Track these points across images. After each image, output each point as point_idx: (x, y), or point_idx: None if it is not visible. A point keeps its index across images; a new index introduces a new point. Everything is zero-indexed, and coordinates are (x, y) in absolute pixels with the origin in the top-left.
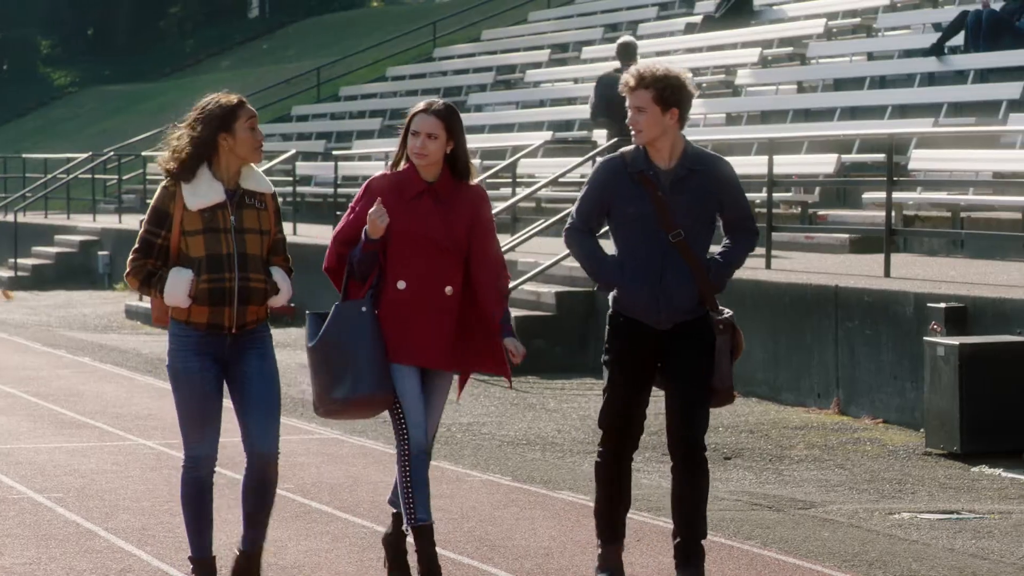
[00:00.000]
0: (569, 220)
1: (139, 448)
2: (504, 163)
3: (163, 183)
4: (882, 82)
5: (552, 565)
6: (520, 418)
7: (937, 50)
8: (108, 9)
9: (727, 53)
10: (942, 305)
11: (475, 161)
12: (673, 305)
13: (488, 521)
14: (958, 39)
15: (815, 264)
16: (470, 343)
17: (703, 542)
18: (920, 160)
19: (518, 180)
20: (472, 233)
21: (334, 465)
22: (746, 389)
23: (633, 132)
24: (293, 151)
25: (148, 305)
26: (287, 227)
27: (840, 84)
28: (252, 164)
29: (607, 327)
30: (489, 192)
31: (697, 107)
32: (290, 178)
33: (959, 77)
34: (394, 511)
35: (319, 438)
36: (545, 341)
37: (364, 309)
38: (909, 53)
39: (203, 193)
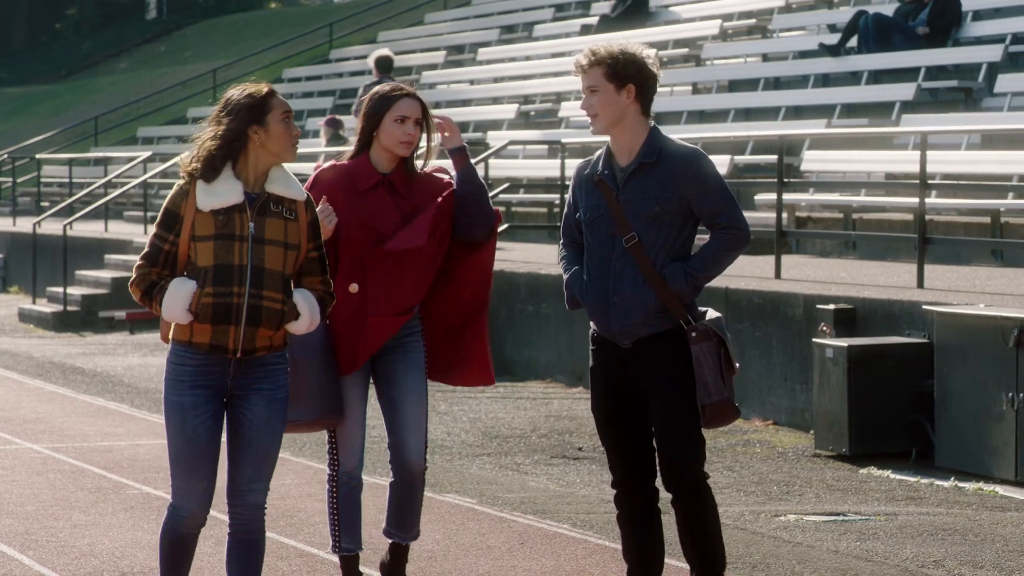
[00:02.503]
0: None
1: (25, 452)
2: None
3: (178, 182)
4: (776, 83)
5: (435, 568)
6: None
7: (837, 50)
8: (3, 10)
9: None
10: (831, 307)
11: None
12: (627, 319)
13: (373, 524)
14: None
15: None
16: (444, 352)
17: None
18: (813, 161)
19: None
20: (436, 228)
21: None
22: None
23: (590, 120)
24: (185, 153)
25: (42, 308)
26: None
27: (735, 85)
28: (283, 165)
29: (589, 347)
30: None
31: None
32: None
33: (853, 78)
34: (390, 541)
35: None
36: None
37: None
38: (804, 54)
39: (219, 192)
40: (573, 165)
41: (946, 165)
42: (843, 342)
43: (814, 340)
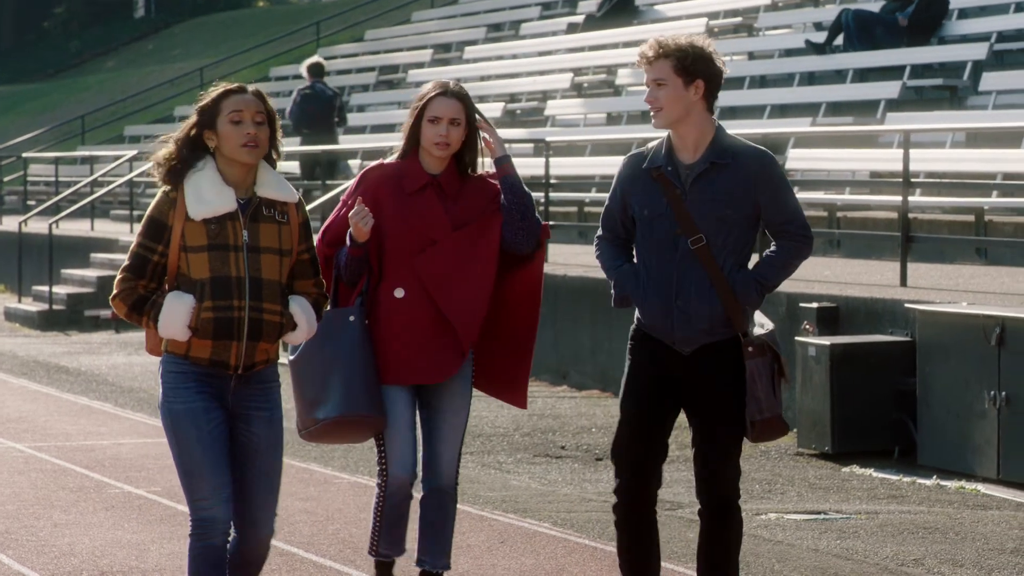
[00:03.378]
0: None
1: (8, 451)
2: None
3: (162, 188)
4: (762, 81)
5: (413, 568)
6: None
7: (824, 49)
8: None
9: (608, 53)
10: (814, 305)
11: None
12: (690, 325)
13: (353, 523)
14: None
15: None
16: (492, 364)
17: None
18: (798, 160)
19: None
20: (482, 231)
21: None
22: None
23: (652, 113)
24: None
25: (27, 307)
26: None
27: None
28: (270, 167)
29: (628, 343)
30: None
31: (577, 107)
32: None
33: (838, 76)
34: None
35: None
36: None
37: (353, 319)
38: (789, 52)
39: (209, 199)
40: (558, 164)
41: (931, 163)
42: (826, 340)
43: (797, 339)
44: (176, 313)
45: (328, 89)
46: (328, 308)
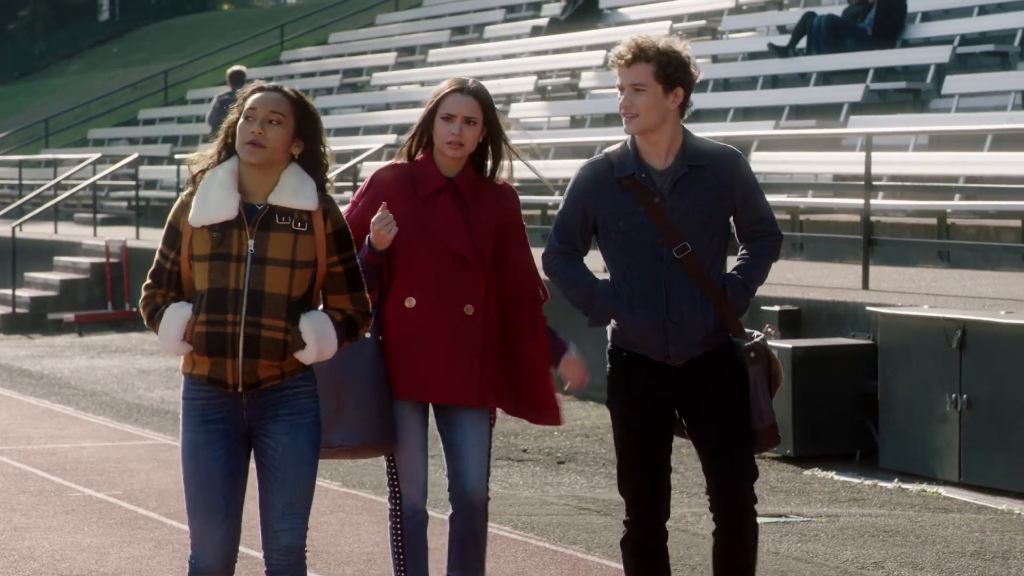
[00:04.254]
0: (548, 241)
1: None
2: (344, 166)
3: (184, 191)
4: (726, 84)
5: (374, 571)
6: None
7: (787, 52)
8: None
9: (572, 56)
10: (776, 308)
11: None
12: (684, 337)
13: (313, 526)
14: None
15: None
16: (509, 381)
17: None
18: (761, 163)
19: (360, 184)
20: (502, 240)
21: (164, 471)
22: (583, 393)
23: (625, 118)
24: (136, 155)
25: None
26: (126, 232)
27: None
28: (297, 169)
29: (607, 366)
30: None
31: (541, 110)
32: (133, 182)
33: (802, 80)
34: None
35: (151, 443)
36: None
37: (367, 335)
38: (753, 56)
39: (212, 205)
40: (521, 167)
41: (893, 166)
42: (788, 343)
43: None
44: (171, 325)
45: None
46: None
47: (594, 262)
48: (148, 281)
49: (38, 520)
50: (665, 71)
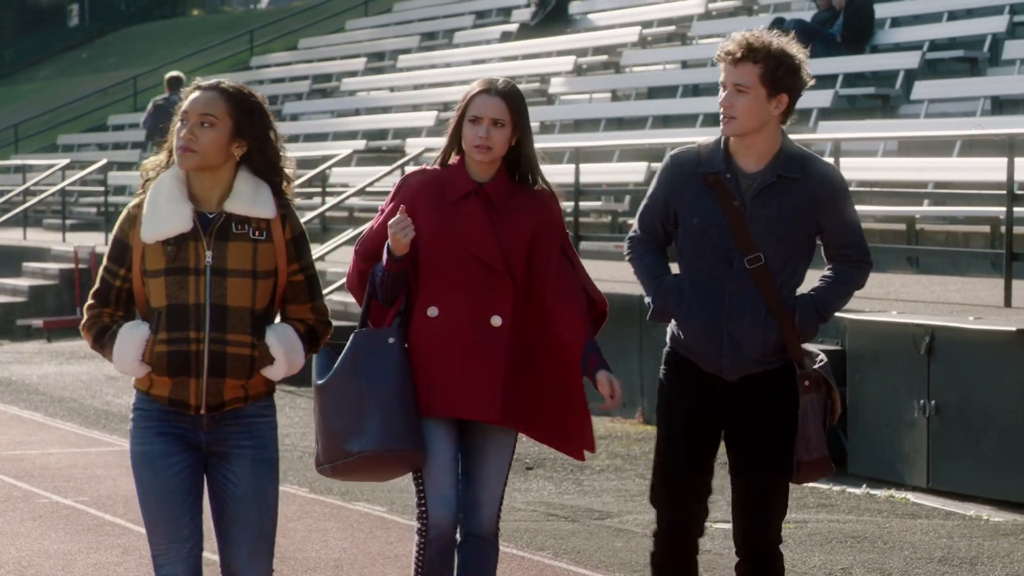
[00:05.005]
0: (632, 227)
1: None
2: (314, 172)
3: (130, 202)
4: (695, 90)
5: None
6: None
7: None
8: None
9: (542, 61)
10: None
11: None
12: (740, 351)
13: (281, 533)
14: None
15: (623, 274)
16: (538, 403)
17: None
18: None
19: (332, 189)
20: (537, 250)
21: (131, 478)
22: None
23: (722, 118)
24: (105, 161)
25: None
26: (95, 237)
27: (654, 92)
28: (250, 176)
29: (661, 368)
30: (299, 201)
31: None
32: (102, 188)
33: None
34: None
35: (118, 450)
36: None
37: (392, 340)
38: None
39: (163, 218)
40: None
41: (862, 172)
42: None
43: None
44: (127, 346)
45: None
46: (361, 328)
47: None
48: (91, 301)
49: (4, 526)
50: (773, 75)
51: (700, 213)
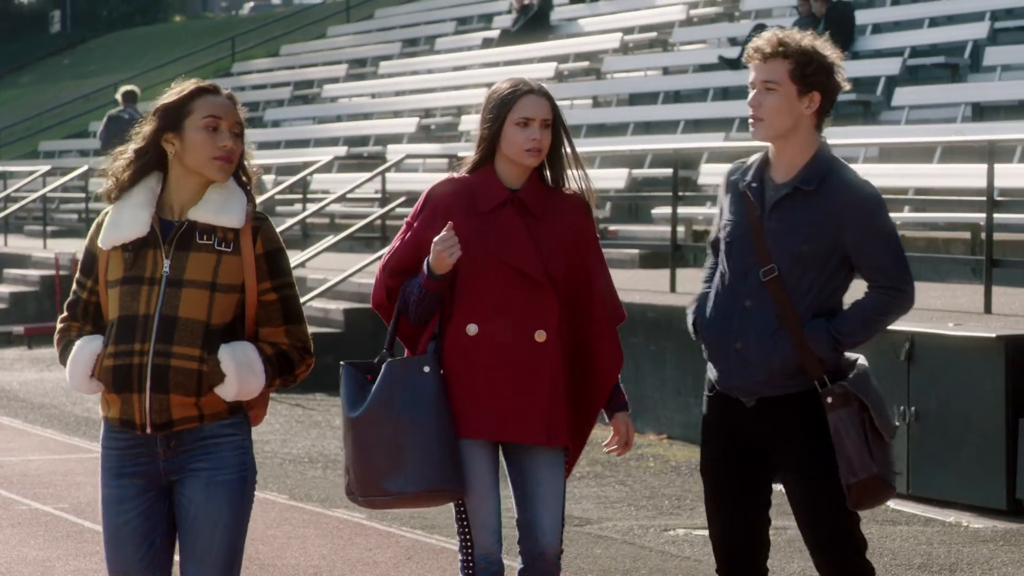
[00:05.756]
0: None
1: None
2: (295, 178)
3: (104, 210)
4: (676, 96)
5: None
6: (305, 436)
7: (737, 64)
8: None
9: (523, 68)
10: None
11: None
12: (747, 373)
13: (260, 540)
14: None
15: None
16: (582, 418)
17: None
18: (711, 175)
19: (313, 196)
20: (575, 259)
21: None
22: None
23: (751, 121)
24: (86, 167)
25: None
26: (76, 244)
27: (635, 99)
28: (226, 185)
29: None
30: (280, 208)
31: None
32: (83, 195)
33: None
34: None
35: (97, 457)
36: (334, 358)
37: (427, 369)
38: (704, 68)
39: (124, 223)
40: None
41: None
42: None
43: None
44: (79, 361)
45: (137, 114)
46: (390, 356)
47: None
48: (64, 313)
49: None
50: (803, 71)
51: (729, 224)
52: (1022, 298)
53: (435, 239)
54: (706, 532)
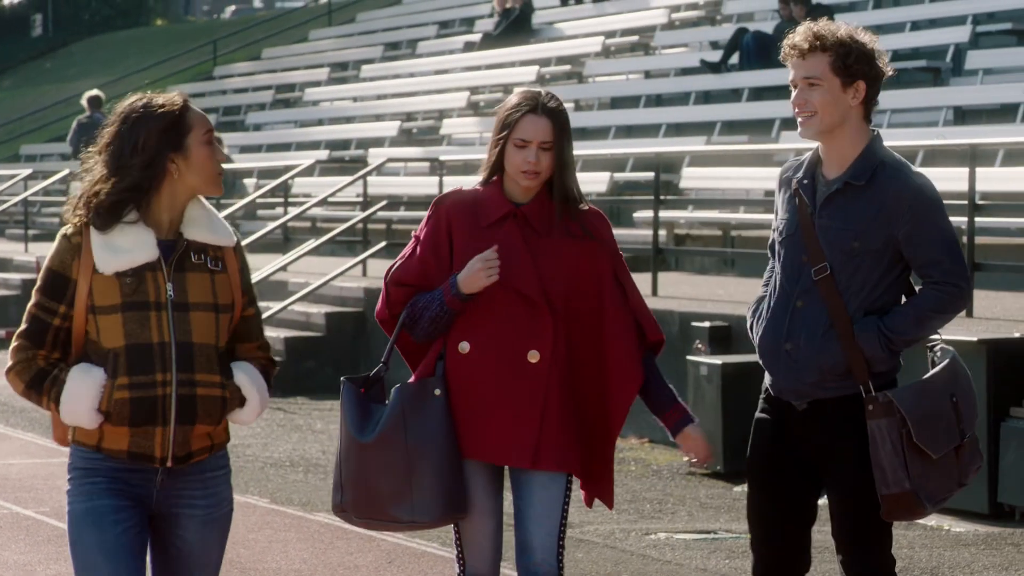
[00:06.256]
0: None
1: None
2: (276, 182)
3: (63, 230)
4: (658, 100)
5: None
6: (286, 440)
7: (719, 67)
8: None
9: (505, 71)
10: (706, 324)
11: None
12: (797, 375)
13: (241, 544)
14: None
15: None
16: (576, 445)
17: None
18: (692, 178)
19: (294, 200)
20: (584, 278)
21: None
22: None
23: (800, 119)
24: (67, 171)
25: None
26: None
27: (616, 102)
28: (201, 199)
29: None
30: (261, 211)
31: (473, 126)
32: (64, 198)
33: (734, 95)
34: None
35: None
36: (315, 362)
37: (438, 392)
38: (686, 71)
39: (126, 247)
40: (452, 183)
41: None
42: (717, 359)
43: (689, 358)
44: (81, 394)
45: (104, 118)
46: (386, 370)
47: None
48: (19, 342)
49: None
50: (844, 62)
51: (783, 223)
52: (1004, 302)
53: (476, 257)
54: (686, 536)
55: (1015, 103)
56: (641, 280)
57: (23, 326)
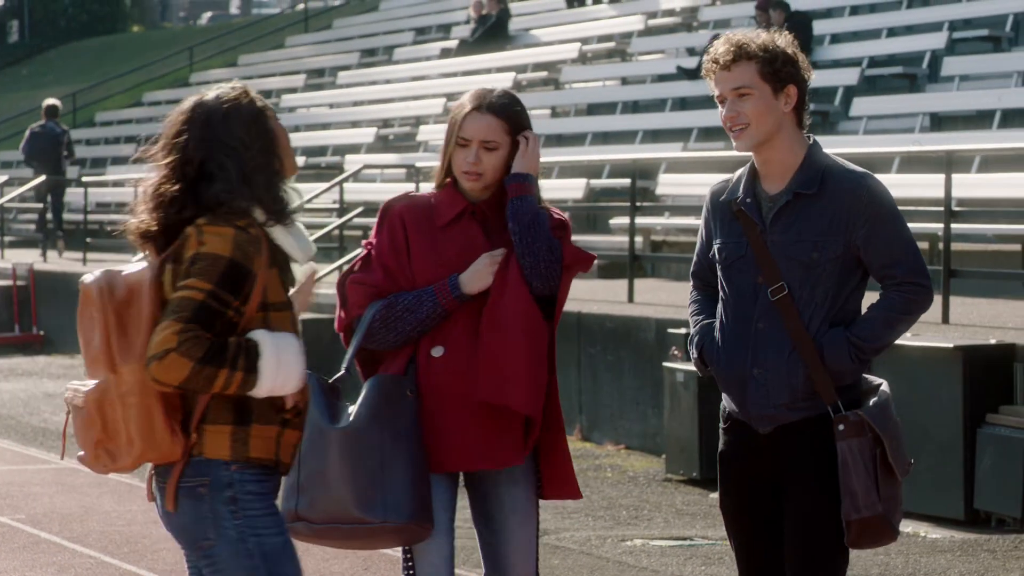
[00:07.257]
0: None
1: None
2: None
3: (237, 222)
4: (635, 107)
5: None
6: None
7: (696, 74)
8: None
9: (481, 78)
10: (683, 331)
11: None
12: (767, 399)
13: None
14: None
15: None
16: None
17: None
18: (669, 185)
19: None
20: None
21: (68, 495)
22: None
23: (732, 133)
24: (43, 177)
25: None
26: (33, 254)
27: (593, 109)
28: None
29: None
30: None
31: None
32: (40, 204)
33: (710, 102)
34: None
35: (55, 467)
36: None
37: (410, 394)
38: (662, 78)
39: (304, 239)
40: (429, 190)
41: None
42: (692, 366)
43: (665, 364)
44: (291, 348)
45: (57, 127)
46: (349, 377)
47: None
48: (184, 324)
49: None
50: (772, 67)
51: (727, 247)
52: (980, 308)
53: (483, 256)
54: (663, 542)
55: (991, 109)
56: (617, 286)
57: (181, 314)
